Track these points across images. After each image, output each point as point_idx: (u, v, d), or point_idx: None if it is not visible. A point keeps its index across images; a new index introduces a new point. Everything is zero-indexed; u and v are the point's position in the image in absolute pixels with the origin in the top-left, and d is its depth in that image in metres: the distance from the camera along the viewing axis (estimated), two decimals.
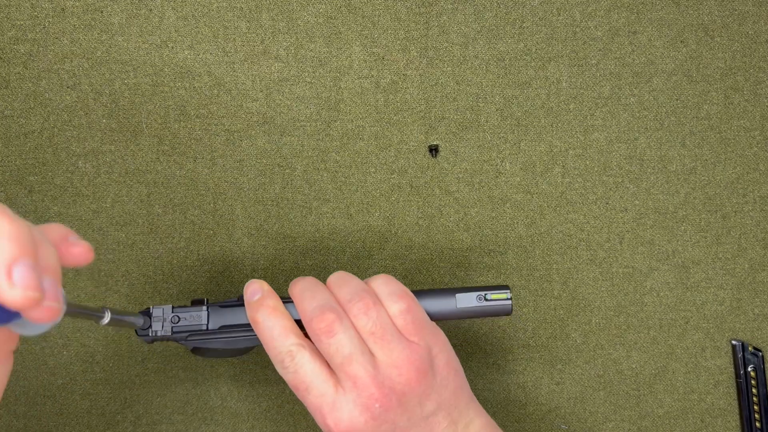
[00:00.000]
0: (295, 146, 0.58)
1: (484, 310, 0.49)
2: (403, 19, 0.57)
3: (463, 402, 0.47)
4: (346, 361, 0.43)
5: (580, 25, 0.58)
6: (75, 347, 0.58)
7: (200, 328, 0.48)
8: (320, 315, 0.44)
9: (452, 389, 0.46)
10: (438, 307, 0.49)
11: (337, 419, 0.43)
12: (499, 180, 0.59)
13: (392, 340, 0.44)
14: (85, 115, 0.56)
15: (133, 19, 0.56)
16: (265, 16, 0.56)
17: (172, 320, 0.48)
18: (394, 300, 0.45)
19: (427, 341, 0.45)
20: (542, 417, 0.60)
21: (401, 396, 0.43)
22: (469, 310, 0.49)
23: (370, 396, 0.43)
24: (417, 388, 0.44)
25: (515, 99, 0.58)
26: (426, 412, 0.45)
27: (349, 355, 0.43)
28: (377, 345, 0.44)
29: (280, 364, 0.44)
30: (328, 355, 0.44)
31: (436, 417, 0.45)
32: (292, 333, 0.45)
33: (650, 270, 0.60)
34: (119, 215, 0.57)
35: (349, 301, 0.45)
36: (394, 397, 0.43)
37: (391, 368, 0.43)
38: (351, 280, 0.47)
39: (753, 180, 0.60)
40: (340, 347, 0.43)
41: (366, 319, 0.44)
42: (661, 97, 0.59)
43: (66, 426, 0.58)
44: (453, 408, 0.46)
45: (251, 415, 0.59)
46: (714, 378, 0.61)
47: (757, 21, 0.59)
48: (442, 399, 0.45)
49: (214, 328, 0.48)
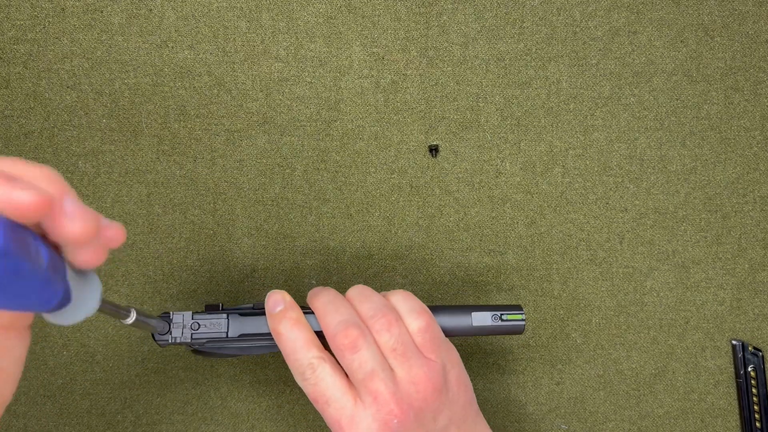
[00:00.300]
0: (295, 146, 0.58)
1: (498, 329, 0.49)
2: (403, 19, 0.57)
3: (471, 416, 0.48)
4: (368, 377, 0.43)
5: (580, 25, 0.58)
6: (75, 347, 0.58)
7: (220, 335, 0.48)
8: (344, 330, 0.44)
9: (462, 404, 0.47)
10: (453, 324, 0.49)
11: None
12: (499, 180, 0.59)
13: (412, 357, 0.45)
14: (85, 115, 0.56)
15: (133, 19, 0.56)
16: (265, 16, 0.56)
17: (192, 327, 0.48)
18: (414, 317, 0.46)
19: (442, 358, 0.46)
20: (542, 417, 0.60)
21: (418, 412, 0.44)
22: (483, 328, 0.49)
23: (389, 412, 0.43)
24: (432, 404, 0.45)
25: (515, 99, 0.58)
26: (438, 426, 0.45)
27: (371, 371, 0.43)
28: (398, 361, 0.44)
29: (301, 375, 0.45)
30: (350, 370, 0.44)
31: (448, 429, 0.46)
32: (314, 346, 0.45)
33: (650, 270, 0.60)
34: (119, 215, 0.57)
35: (371, 317, 0.45)
36: (412, 413, 0.44)
37: (410, 385, 0.44)
38: (372, 296, 0.47)
39: (753, 180, 0.60)
40: (363, 363, 0.44)
41: (388, 336, 0.45)
42: (661, 97, 0.59)
43: (66, 426, 0.58)
44: (462, 422, 0.47)
45: (251, 415, 0.59)
46: (714, 378, 0.61)
47: (757, 21, 0.59)
48: (453, 413, 0.46)
49: (234, 336, 0.48)
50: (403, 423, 0.43)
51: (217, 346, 0.48)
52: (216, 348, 0.48)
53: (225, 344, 0.48)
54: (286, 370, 0.59)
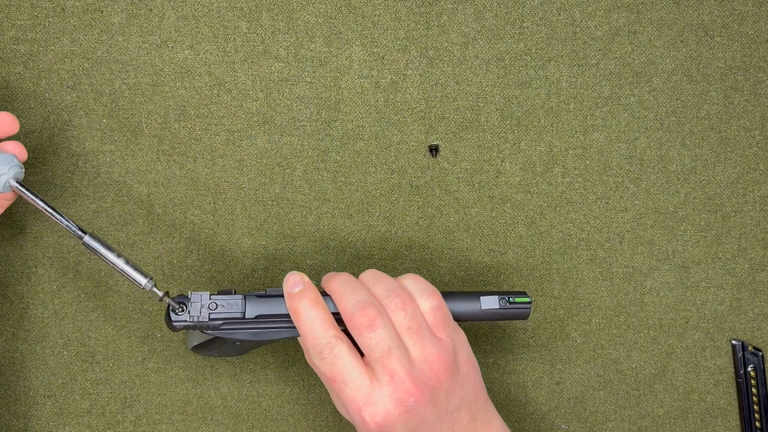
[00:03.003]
0: (295, 146, 0.58)
1: (505, 313, 0.50)
2: (403, 19, 0.57)
3: (482, 399, 0.48)
4: (385, 355, 0.44)
5: (580, 25, 0.58)
6: (75, 347, 0.58)
7: (237, 316, 0.48)
8: (362, 310, 0.45)
9: (472, 385, 0.48)
10: (463, 308, 0.50)
11: (373, 413, 0.44)
12: (499, 180, 0.59)
13: (425, 336, 0.46)
14: (85, 115, 0.56)
15: (133, 19, 0.56)
16: (265, 16, 0.56)
17: (210, 306, 0.48)
18: (426, 297, 0.47)
19: (452, 338, 0.47)
20: (542, 417, 0.60)
21: (432, 391, 0.45)
22: (491, 312, 0.50)
23: (405, 390, 0.44)
24: (445, 383, 0.46)
25: (515, 99, 0.58)
26: (451, 407, 0.46)
27: (388, 349, 0.44)
28: (412, 340, 0.45)
29: (319, 355, 0.45)
30: (367, 348, 0.45)
31: (459, 412, 0.46)
32: (332, 326, 0.46)
33: (650, 270, 0.60)
34: (119, 215, 0.57)
35: (386, 297, 0.46)
36: (427, 392, 0.45)
37: (424, 363, 0.45)
38: (385, 278, 0.48)
39: (753, 180, 0.60)
40: (380, 341, 0.44)
41: (403, 315, 0.45)
42: (661, 97, 0.59)
43: (66, 426, 0.58)
44: (473, 403, 0.47)
45: (251, 415, 0.59)
46: (714, 378, 0.61)
47: (757, 21, 0.59)
48: (464, 395, 0.47)
49: (251, 317, 0.48)
50: (418, 402, 0.44)
51: (232, 328, 0.48)
52: (230, 333, 0.48)
53: (241, 326, 0.48)
54: (286, 370, 0.59)
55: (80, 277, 0.57)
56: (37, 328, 0.57)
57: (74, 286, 0.57)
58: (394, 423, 0.44)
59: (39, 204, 0.47)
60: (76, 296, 0.57)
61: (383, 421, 0.44)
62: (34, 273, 0.57)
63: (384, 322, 0.45)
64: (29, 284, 0.57)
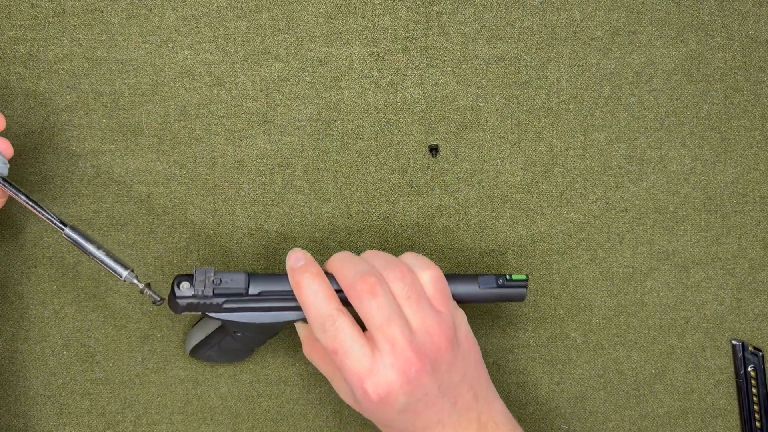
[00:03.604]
0: (295, 146, 0.58)
1: (503, 293, 0.51)
2: (403, 19, 0.57)
3: (484, 378, 0.49)
4: (385, 322, 0.45)
5: (580, 25, 0.58)
6: (75, 347, 0.58)
7: (240, 291, 0.48)
8: (362, 278, 0.46)
9: (473, 362, 0.48)
10: (462, 289, 0.51)
11: (375, 383, 0.44)
12: (499, 180, 0.59)
13: (425, 306, 0.46)
14: (85, 115, 0.56)
15: (133, 19, 0.56)
16: (265, 16, 0.56)
17: (214, 281, 0.48)
18: (425, 269, 0.48)
19: (451, 312, 0.48)
20: (542, 417, 0.60)
21: (433, 362, 0.45)
22: (489, 293, 0.51)
23: (407, 360, 0.44)
24: (446, 355, 0.46)
25: (515, 99, 0.58)
26: (453, 381, 0.46)
27: (389, 317, 0.45)
28: (412, 310, 0.46)
29: (321, 327, 0.46)
30: (369, 315, 0.45)
31: (461, 388, 0.47)
32: (334, 299, 0.47)
33: (650, 270, 0.60)
34: (119, 215, 0.57)
35: (385, 268, 0.47)
36: (428, 362, 0.45)
37: (424, 334, 0.45)
38: (384, 254, 0.49)
39: (753, 180, 0.60)
40: (381, 308, 0.45)
41: (402, 285, 0.46)
42: (661, 97, 0.59)
43: (66, 426, 0.58)
44: (475, 380, 0.48)
45: (251, 415, 0.59)
46: (714, 378, 0.61)
47: (757, 21, 0.59)
48: (466, 371, 0.47)
49: (254, 293, 0.48)
50: (419, 372, 0.44)
51: (236, 307, 0.48)
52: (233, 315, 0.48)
53: (245, 303, 0.48)
54: (286, 370, 0.59)
55: (80, 277, 0.57)
56: (37, 328, 0.57)
57: (74, 286, 0.57)
58: (396, 394, 0.44)
59: (20, 198, 0.47)
60: (76, 296, 0.57)
61: (385, 392, 0.44)
62: (34, 273, 0.57)
63: (384, 290, 0.45)
64: (29, 284, 0.57)
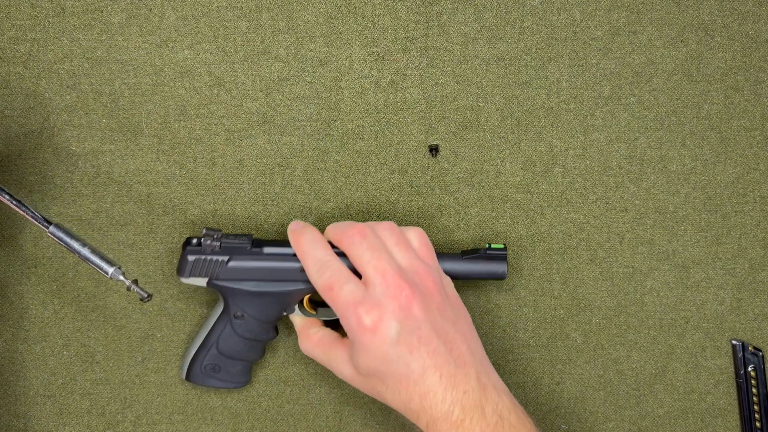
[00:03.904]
0: (295, 146, 0.58)
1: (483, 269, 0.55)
2: (403, 19, 0.57)
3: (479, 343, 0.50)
4: (375, 257, 0.48)
5: (580, 24, 0.58)
6: (75, 347, 0.58)
7: (245, 247, 0.53)
8: (353, 226, 0.50)
9: (465, 320, 0.50)
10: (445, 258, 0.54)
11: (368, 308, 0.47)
12: (499, 180, 0.59)
13: (412, 254, 0.50)
14: (85, 115, 0.56)
15: (133, 19, 0.56)
16: (265, 16, 0.56)
17: (222, 239, 0.53)
18: (408, 229, 0.52)
19: (437, 268, 0.52)
20: (542, 417, 0.60)
21: (423, 295, 0.48)
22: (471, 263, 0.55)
23: (397, 286, 0.47)
24: (436, 297, 0.49)
25: (515, 99, 0.58)
26: (445, 326, 0.48)
27: (378, 253, 0.48)
28: (400, 253, 0.50)
29: (317, 271, 0.49)
30: (359, 254, 0.49)
31: (455, 336, 0.48)
32: (329, 249, 0.51)
33: (650, 270, 0.60)
34: (119, 215, 0.57)
35: (373, 224, 0.51)
36: (418, 292, 0.47)
37: (413, 272, 0.49)
38: None
39: (753, 180, 0.60)
40: (371, 246, 0.49)
41: (390, 234, 0.50)
42: (661, 97, 0.59)
43: (66, 426, 0.58)
44: (470, 337, 0.49)
45: (251, 415, 0.59)
46: (714, 378, 0.61)
47: (757, 21, 0.59)
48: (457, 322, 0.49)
49: (257, 250, 0.53)
50: (410, 299, 0.47)
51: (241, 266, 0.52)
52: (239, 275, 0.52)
53: (248, 262, 0.52)
54: (286, 370, 0.59)
55: (80, 277, 0.57)
56: (37, 328, 0.57)
57: (74, 286, 0.57)
58: (388, 319, 0.46)
59: (3, 197, 0.47)
60: (76, 296, 0.57)
61: (378, 317, 0.46)
62: (34, 273, 0.57)
63: (374, 235, 0.50)
64: (29, 284, 0.57)
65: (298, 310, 0.55)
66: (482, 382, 0.47)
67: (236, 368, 0.55)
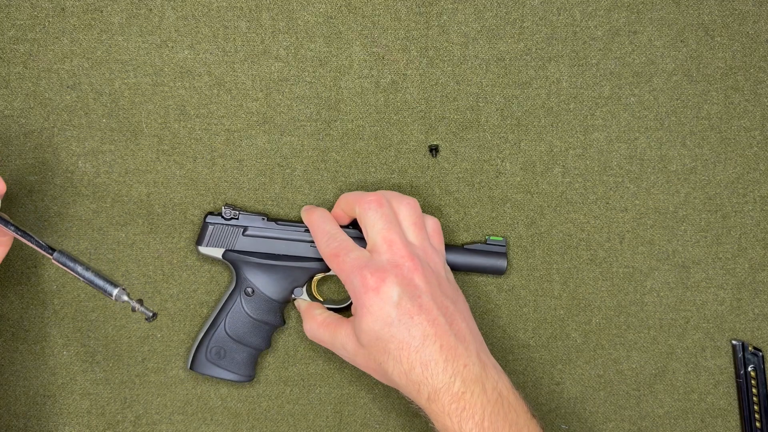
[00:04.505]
0: (295, 146, 0.58)
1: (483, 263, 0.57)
2: (403, 19, 0.57)
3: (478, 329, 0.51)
4: (386, 227, 0.50)
5: (580, 24, 0.58)
6: (75, 347, 0.58)
7: (261, 218, 0.56)
8: (371, 194, 0.52)
9: (464, 305, 0.51)
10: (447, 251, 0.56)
11: (373, 270, 0.48)
12: (499, 180, 0.59)
13: (425, 236, 0.52)
14: (85, 115, 0.56)
15: (133, 19, 0.56)
16: (265, 16, 0.56)
17: (240, 214, 0.56)
18: (428, 216, 0.54)
19: (444, 257, 0.53)
20: (542, 417, 0.60)
21: (426, 269, 0.49)
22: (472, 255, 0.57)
23: (402, 256, 0.49)
24: (440, 276, 0.50)
25: (515, 99, 0.58)
26: (446, 303, 0.49)
27: (390, 224, 0.50)
28: (413, 233, 0.51)
29: (325, 240, 0.52)
30: (372, 222, 0.50)
31: (455, 314, 0.49)
32: (338, 226, 0.53)
33: (650, 270, 0.60)
34: (119, 215, 0.57)
35: (395, 196, 0.53)
36: (420, 265, 0.49)
37: (421, 250, 0.51)
38: None
39: (753, 180, 0.60)
40: (384, 215, 0.50)
41: (410, 210, 0.52)
42: (661, 97, 0.59)
43: (66, 426, 0.58)
44: (469, 320, 0.50)
45: (251, 415, 0.59)
46: (714, 378, 0.61)
47: (757, 21, 0.59)
48: (457, 303, 0.50)
49: (272, 222, 0.56)
50: (412, 270, 0.48)
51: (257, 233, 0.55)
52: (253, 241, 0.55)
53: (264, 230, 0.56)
54: (286, 370, 0.59)
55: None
56: (37, 328, 0.57)
57: (74, 286, 0.57)
58: (391, 283, 0.47)
59: (9, 229, 0.46)
60: (76, 296, 0.57)
61: (381, 278, 0.47)
62: (34, 273, 0.57)
63: (390, 206, 0.51)
64: (29, 284, 0.57)
65: (305, 295, 0.56)
66: (482, 360, 0.48)
67: (241, 356, 0.56)
